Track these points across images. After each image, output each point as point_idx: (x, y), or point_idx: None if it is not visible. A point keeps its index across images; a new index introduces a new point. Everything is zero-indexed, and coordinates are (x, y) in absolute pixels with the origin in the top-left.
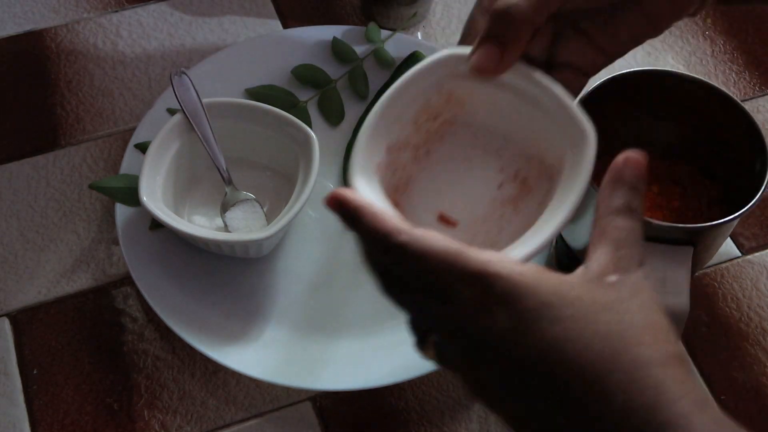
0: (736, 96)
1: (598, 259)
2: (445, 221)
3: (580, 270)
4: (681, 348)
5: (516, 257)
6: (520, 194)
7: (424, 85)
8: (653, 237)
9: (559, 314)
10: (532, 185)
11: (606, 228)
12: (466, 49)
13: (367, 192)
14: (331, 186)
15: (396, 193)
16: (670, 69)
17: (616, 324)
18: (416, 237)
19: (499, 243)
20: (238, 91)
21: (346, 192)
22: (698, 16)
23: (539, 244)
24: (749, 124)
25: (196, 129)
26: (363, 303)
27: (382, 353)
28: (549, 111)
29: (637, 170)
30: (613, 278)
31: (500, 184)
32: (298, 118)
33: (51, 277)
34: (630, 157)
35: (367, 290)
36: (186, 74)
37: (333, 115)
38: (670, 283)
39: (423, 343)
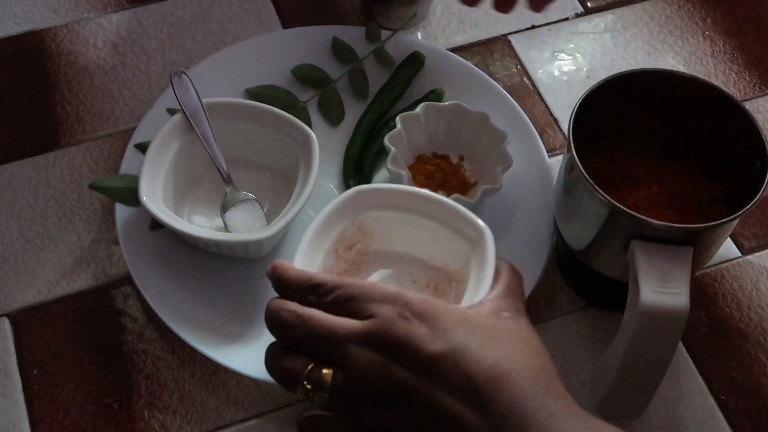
0: (736, 96)
1: (492, 301)
2: None
3: (476, 305)
4: (556, 371)
5: None
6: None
7: (338, 219)
8: (653, 237)
9: (472, 330)
10: (443, 289)
11: (500, 272)
12: (370, 186)
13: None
14: (331, 186)
15: None
16: (670, 69)
17: (516, 343)
18: (335, 277)
19: None
20: (238, 91)
21: (282, 262)
22: (699, 16)
23: None
24: (749, 124)
25: (196, 129)
26: None
27: None
28: (444, 221)
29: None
30: (507, 314)
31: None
32: (298, 118)
33: (51, 277)
34: None
35: None
36: (186, 74)
37: (333, 115)
38: (670, 283)
39: (309, 377)
